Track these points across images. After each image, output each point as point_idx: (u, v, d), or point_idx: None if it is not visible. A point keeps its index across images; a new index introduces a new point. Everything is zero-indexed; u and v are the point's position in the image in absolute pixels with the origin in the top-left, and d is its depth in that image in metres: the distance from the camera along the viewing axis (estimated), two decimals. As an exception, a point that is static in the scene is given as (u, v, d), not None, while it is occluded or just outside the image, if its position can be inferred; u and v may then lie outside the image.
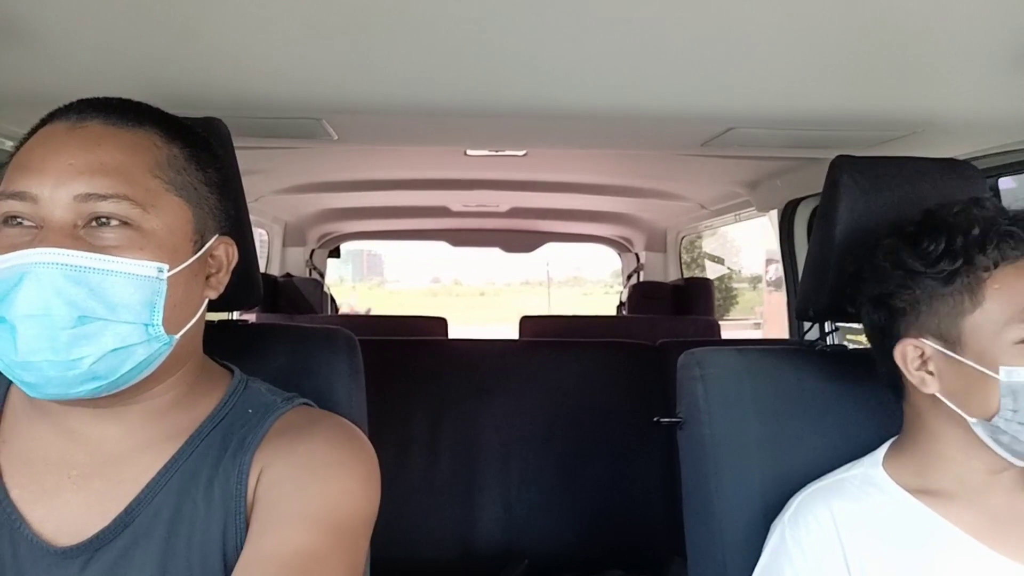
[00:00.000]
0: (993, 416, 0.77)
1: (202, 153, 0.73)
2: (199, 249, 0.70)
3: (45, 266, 0.61)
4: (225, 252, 0.75)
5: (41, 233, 0.63)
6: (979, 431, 0.79)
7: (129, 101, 0.71)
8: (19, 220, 0.64)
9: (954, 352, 0.79)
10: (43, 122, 0.70)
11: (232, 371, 0.80)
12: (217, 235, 0.73)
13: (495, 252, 3.83)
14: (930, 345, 0.81)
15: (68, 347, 0.61)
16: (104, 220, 0.64)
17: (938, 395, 0.81)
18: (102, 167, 0.64)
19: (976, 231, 0.78)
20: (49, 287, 0.60)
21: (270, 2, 0.84)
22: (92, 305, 0.62)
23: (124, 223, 0.64)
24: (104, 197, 0.64)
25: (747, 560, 0.91)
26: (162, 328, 0.66)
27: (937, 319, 0.80)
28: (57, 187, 0.63)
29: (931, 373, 0.82)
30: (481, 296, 31.81)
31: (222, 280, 0.75)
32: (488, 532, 1.83)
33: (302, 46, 0.97)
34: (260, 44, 0.97)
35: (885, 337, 0.86)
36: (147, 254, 0.65)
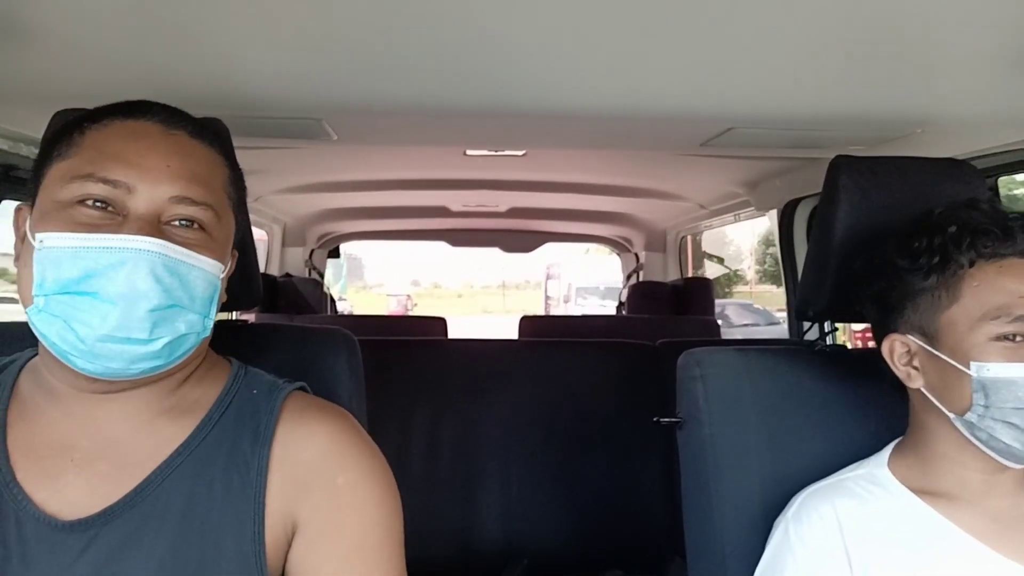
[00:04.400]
0: (967, 411, 0.78)
1: (241, 177, 0.84)
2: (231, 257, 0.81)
3: (148, 253, 0.68)
4: (233, 261, 0.84)
5: (129, 222, 0.69)
6: (960, 427, 0.80)
7: (200, 119, 0.80)
8: (99, 203, 0.69)
9: (932, 347, 0.81)
10: (110, 113, 0.75)
11: (231, 361, 0.86)
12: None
13: (473, 255, 3.84)
14: (913, 340, 0.83)
15: (153, 327, 0.68)
16: (187, 222, 0.73)
17: (923, 390, 0.83)
18: (196, 176, 0.74)
19: (953, 228, 0.81)
20: (150, 274, 0.67)
21: (270, 3, 0.84)
22: (179, 294, 0.70)
23: (201, 227, 0.74)
24: (196, 203, 0.73)
25: (747, 560, 0.91)
26: (211, 320, 0.75)
27: (919, 315, 0.82)
28: (155, 184, 0.71)
29: (916, 368, 0.84)
30: (459, 298, 33.24)
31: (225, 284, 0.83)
32: (488, 532, 1.83)
33: (302, 46, 0.97)
34: (260, 44, 0.97)
35: (880, 333, 0.88)
36: (216, 256, 0.74)
